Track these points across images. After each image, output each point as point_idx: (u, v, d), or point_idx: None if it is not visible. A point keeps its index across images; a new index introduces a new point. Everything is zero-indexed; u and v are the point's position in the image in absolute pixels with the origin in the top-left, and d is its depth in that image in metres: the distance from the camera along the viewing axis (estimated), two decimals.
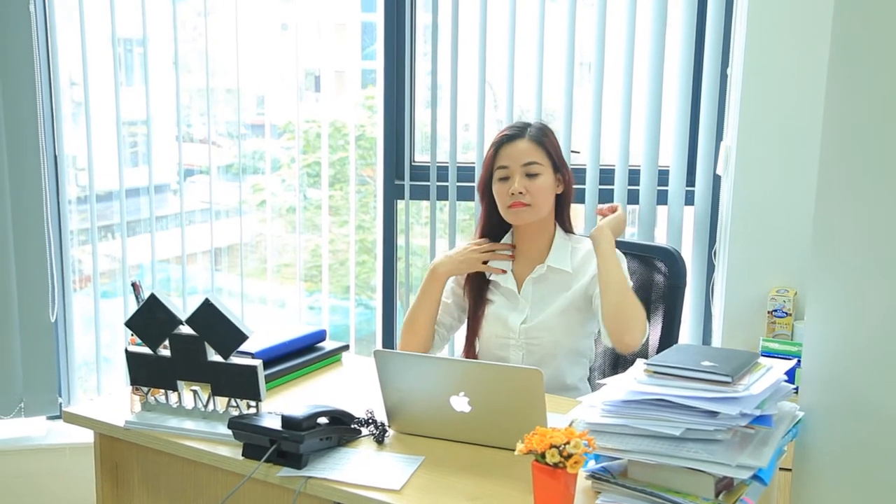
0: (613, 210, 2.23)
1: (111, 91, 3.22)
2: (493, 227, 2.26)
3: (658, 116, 3.01)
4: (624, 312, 2.03)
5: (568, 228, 2.28)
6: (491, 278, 2.26)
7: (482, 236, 2.27)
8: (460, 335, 2.37)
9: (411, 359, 1.86)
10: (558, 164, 2.20)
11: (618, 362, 2.38)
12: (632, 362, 2.32)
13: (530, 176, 2.15)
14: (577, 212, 3.12)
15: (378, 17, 3.21)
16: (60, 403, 3.31)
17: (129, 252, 3.35)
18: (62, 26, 3.22)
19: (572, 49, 3.03)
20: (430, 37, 3.16)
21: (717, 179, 3.00)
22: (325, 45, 3.46)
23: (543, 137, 2.19)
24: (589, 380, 2.30)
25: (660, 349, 2.28)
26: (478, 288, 2.27)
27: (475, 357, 2.27)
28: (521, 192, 2.14)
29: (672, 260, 2.33)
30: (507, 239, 2.27)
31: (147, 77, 3.25)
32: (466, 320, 2.30)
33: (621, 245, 2.40)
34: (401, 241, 3.28)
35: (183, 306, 3.33)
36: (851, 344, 1.54)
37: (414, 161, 3.26)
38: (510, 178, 2.16)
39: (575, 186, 3.04)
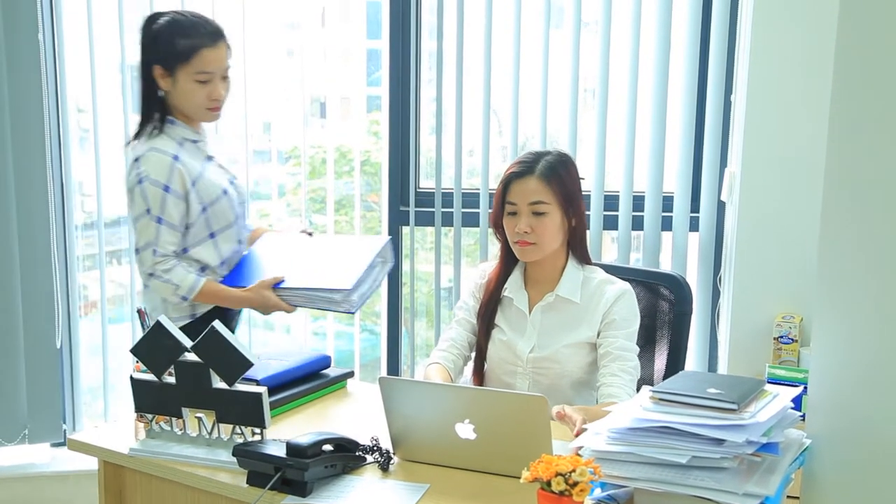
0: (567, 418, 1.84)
1: (118, 117, 3.24)
2: (514, 255, 2.25)
3: (662, 143, 3.02)
4: None
5: (583, 259, 2.24)
6: (505, 295, 2.26)
7: (503, 265, 2.27)
8: None
9: (416, 386, 1.86)
10: (568, 199, 2.15)
11: None
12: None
13: (536, 215, 2.13)
14: None
15: (383, 44, 3.24)
16: (65, 430, 3.30)
17: (135, 277, 3.35)
18: (70, 54, 3.24)
19: (576, 76, 3.05)
20: (434, 63, 3.18)
21: (721, 206, 3.00)
22: (330, 72, 3.48)
23: (552, 174, 2.13)
24: None
25: (666, 376, 2.27)
26: (491, 310, 2.27)
27: (483, 379, 2.27)
28: (526, 232, 2.14)
29: (678, 287, 2.32)
30: (519, 265, 2.27)
31: None
32: (476, 341, 2.29)
33: (628, 271, 2.40)
34: (406, 266, 3.28)
35: None
36: (858, 370, 1.54)
37: (419, 187, 3.27)
38: (518, 214, 2.15)
39: None
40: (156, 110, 2.38)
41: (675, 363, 2.30)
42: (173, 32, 2.30)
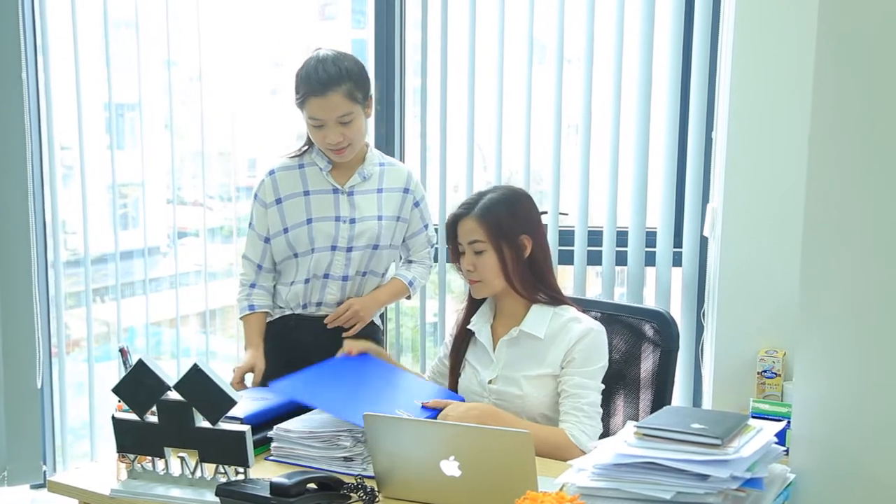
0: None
1: (102, 155, 3.25)
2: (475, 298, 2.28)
3: (645, 178, 3.05)
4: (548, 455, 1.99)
5: (553, 297, 2.21)
6: (470, 328, 2.28)
7: (469, 301, 2.30)
8: None
9: (401, 423, 1.85)
10: (504, 236, 2.15)
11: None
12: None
13: (477, 253, 2.17)
14: (566, 273, 3.15)
15: None
16: (45, 472, 3.26)
17: (120, 315, 3.33)
18: (55, 91, 3.26)
19: (559, 111, 3.07)
20: (419, 100, 3.20)
21: (704, 241, 3.02)
22: None
23: (487, 214, 2.15)
24: None
25: (652, 412, 2.27)
26: (463, 345, 2.30)
27: None
28: (469, 270, 2.18)
29: (665, 324, 2.31)
30: (489, 300, 2.28)
31: (143, 141, 3.28)
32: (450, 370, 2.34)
33: (614, 307, 2.41)
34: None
35: (176, 368, 3.32)
36: (841, 404, 1.54)
37: None
38: (464, 253, 2.20)
39: (564, 248, 3.10)
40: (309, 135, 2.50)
41: (661, 399, 2.29)
42: (297, 77, 2.41)
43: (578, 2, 3.02)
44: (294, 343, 2.54)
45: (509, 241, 2.16)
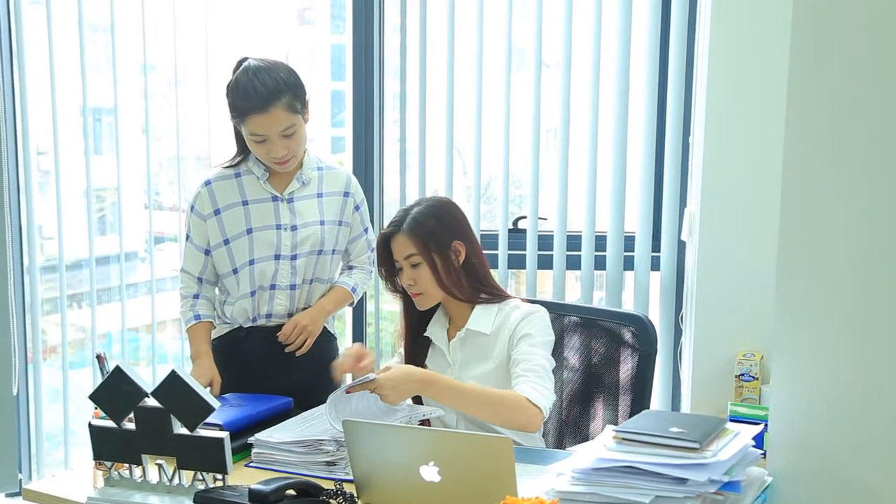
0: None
1: (78, 160, 3.22)
2: (415, 311, 2.29)
3: (623, 183, 3.06)
4: (504, 418, 2.05)
5: (497, 295, 2.24)
6: (426, 335, 2.30)
7: (408, 325, 2.31)
8: None
9: (380, 429, 1.85)
10: (436, 244, 2.18)
11: (565, 424, 2.38)
12: (581, 417, 2.33)
13: (413, 266, 2.19)
14: (545, 277, 3.16)
15: (346, 86, 3.26)
16: (20, 480, 3.23)
17: (95, 321, 3.31)
18: (31, 96, 3.23)
19: (538, 116, 3.08)
20: (398, 104, 3.20)
21: (681, 245, 3.04)
22: None
23: (416, 226, 2.18)
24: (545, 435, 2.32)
25: (630, 416, 2.28)
26: (419, 354, 2.31)
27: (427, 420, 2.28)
28: (410, 284, 2.20)
29: (644, 328, 2.32)
30: (441, 306, 2.30)
31: (119, 146, 3.26)
32: None
33: (593, 312, 2.42)
34: (370, 307, 3.28)
35: (153, 375, 3.29)
36: (817, 408, 1.56)
37: (383, 228, 3.26)
38: (402, 269, 2.21)
39: (543, 253, 3.11)
40: (241, 143, 2.43)
41: (640, 403, 2.30)
42: (232, 92, 2.33)
43: (557, 7, 3.04)
44: (246, 355, 2.50)
45: (441, 250, 2.19)
